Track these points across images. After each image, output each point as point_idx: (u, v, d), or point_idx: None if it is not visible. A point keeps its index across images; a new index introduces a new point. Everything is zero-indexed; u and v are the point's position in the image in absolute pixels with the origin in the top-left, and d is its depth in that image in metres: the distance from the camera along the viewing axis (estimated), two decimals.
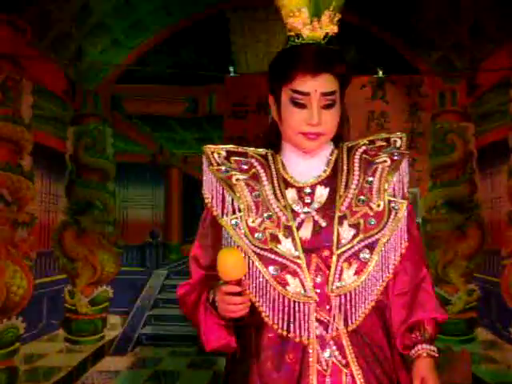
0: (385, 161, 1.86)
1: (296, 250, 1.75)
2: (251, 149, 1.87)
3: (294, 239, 1.76)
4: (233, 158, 1.84)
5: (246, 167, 1.83)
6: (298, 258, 1.74)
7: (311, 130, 1.77)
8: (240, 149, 1.87)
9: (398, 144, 1.90)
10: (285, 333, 1.71)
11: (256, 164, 1.84)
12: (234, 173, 1.81)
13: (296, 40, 1.84)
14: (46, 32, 4.21)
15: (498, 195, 4.15)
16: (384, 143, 1.90)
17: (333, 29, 1.83)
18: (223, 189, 1.82)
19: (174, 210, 4.33)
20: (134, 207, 4.32)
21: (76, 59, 4.28)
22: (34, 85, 4.15)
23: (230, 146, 1.86)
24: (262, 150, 1.87)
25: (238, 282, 1.67)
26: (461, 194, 4.20)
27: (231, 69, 4.20)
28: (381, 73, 4.15)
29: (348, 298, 1.76)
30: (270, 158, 1.86)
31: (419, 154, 4.14)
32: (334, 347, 1.74)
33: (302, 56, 1.76)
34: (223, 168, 1.82)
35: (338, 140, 1.90)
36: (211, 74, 4.29)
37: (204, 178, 1.85)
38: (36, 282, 4.14)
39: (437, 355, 1.77)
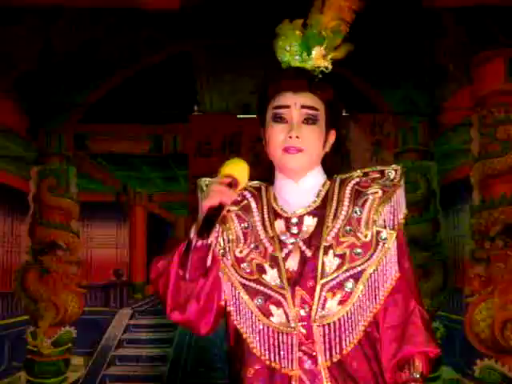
0: (376, 192, 1.85)
1: (281, 280, 1.76)
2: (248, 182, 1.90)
3: (279, 270, 1.77)
4: None
5: (238, 199, 1.86)
6: (283, 288, 1.75)
7: (291, 144, 1.79)
8: None
9: (391, 176, 1.88)
10: (273, 364, 1.72)
11: (248, 196, 1.87)
12: None
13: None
14: (8, 71, 4.19)
15: (460, 233, 4.19)
16: (378, 175, 1.89)
17: (324, 64, 1.86)
18: None
19: (139, 249, 4.31)
20: (98, 247, 4.29)
21: (39, 99, 4.26)
22: None
23: None
24: (256, 183, 1.90)
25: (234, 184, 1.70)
26: (424, 233, 4.22)
27: (195, 107, 4.20)
28: (344, 111, 4.16)
29: (332, 328, 1.75)
30: (263, 189, 1.89)
31: None
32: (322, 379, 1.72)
33: (283, 74, 1.81)
34: None
35: (332, 172, 1.91)
36: (175, 112, 4.30)
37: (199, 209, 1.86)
38: None
39: None
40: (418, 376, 1.78)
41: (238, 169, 1.75)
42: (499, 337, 4.06)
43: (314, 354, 1.73)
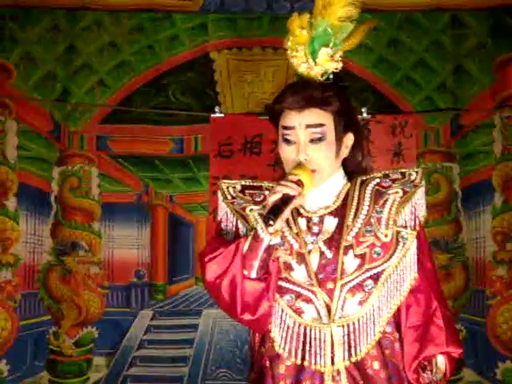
0: (397, 192, 1.87)
1: (309, 276, 1.74)
2: (266, 182, 1.92)
3: (307, 265, 1.79)
4: (247, 191, 1.90)
5: (259, 199, 1.90)
6: (312, 285, 1.77)
7: None
8: (255, 183, 1.93)
9: (412, 177, 1.91)
10: (299, 361, 1.74)
11: None
12: (247, 204, 1.85)
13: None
14: (31, 73, 4.22)
15: (482, 235, 4.17)
16: (399, 176, 1.91)
17: (333, 66, 1.86)
18: (237, 219, 1.86)
19: (160, 249, 4.31)
20: (119, 247, 4.29)
21: (61, 100, 4.28)
22: (19, 126, 4.16)
23: (246, 181, 1.92)
24: (275, 183, 1.92)
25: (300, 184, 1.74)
26: (446, 234, 4.21)
27: (216, 109, 4.21)
28: (365, 113, 4.16)
29: (351, 328, 1.76)
30: None
31: None
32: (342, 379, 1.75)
33: (286, 93, 1.81)
34: (237, 200, 1.86)
35: (353, 174, 1.92)
36: (197, 113, 4.31)
37: (219, 211, 1.89)
38: (20, 324, 4.12)
39: None
40: (439, 376, 1.78)
41: (305, 173, 1.77)
42: None
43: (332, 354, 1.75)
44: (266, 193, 1.90)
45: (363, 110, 4.15)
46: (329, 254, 1.81)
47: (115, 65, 4.33)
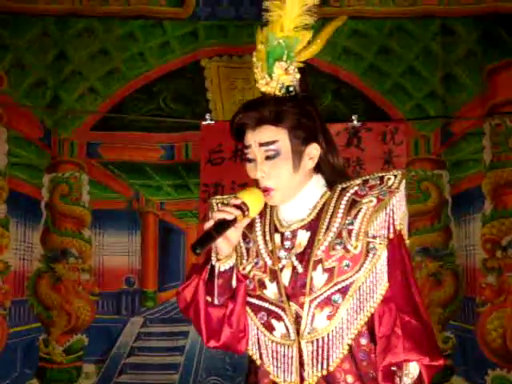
0: (371, 200, 1.82)
1: (280, 294, 1.76)
2: None
3: (278, 283, 1.79)
4: None
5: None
6: (282, 302, 1.77)
7: (262, 185, 1.80)
8: None
9: (390, 182, 1.83)
10: (274, 377, 1.76)
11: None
12: None
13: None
14: (22, 80, 4.22)
15: (472, 243, 4.18)
16: (378, 182, 1.84)
17: (288, 79, 1.83)
18: None
19: (150, 256, 4.31)
20: (109, 254, 4.29)
21: (52, 107, 4.28)
22: (9, 132, 4.16)
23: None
24: None
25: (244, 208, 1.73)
26: (436, 242, 4.22)
27: (207, 116, 4.21)
28: (355, 120, 4.17)
29: (320, 343, 1.75)
30: (269, 207, 1.90)
31: None
32: None
33: (239, 112, 1.80)
34: None
35: (334, 178, 1.89)
36: (187, 121, 4.31)
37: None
38: (10, 331, 4.11)
39: None
40: (409, 382, 1.77)
41: (252, 197, 1.76)
42: (511, 346, 4.05)
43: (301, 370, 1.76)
44: None
45: (353, 117, 4.16)
46: (300, 269, 1.80)
47: (106, 72, 4.34)
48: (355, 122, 4.17)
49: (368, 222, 1.78)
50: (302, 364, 1.76)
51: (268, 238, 1.85)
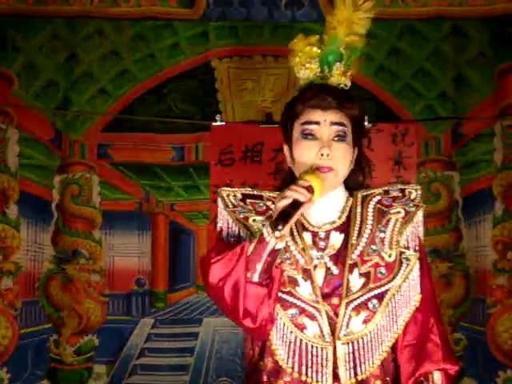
0: (399, 212, 1.90)
1: (315, 294, 1.75)
2: (266, 192, 1.91)
3: (312, 282, 1.79)
4: (248, 201, 1.89)
5: (261, 209, 1.89)
6: (317, 302, 1.78)
7: (323, 164, 1.80)
8: (256, 192, 1.92)
9: (412, 196, 1.94)
10: (303, 377, 1.75)
11: (272, 206, 1.88)
12: (250, 214, 1.84)
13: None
14: (33, 81, 4.23)
15: (483, 244, 4.17)
16: (399, 194, 1.94)
17: (345, 81, 1.88)
18: (239, 229, 1.85)
19: (161, 257, 4.31)
20: (120, 255, 4.30)
21: (62, 108, 4.29)
22: (20, 134, 4.16)
23: (246, 189, 1.91)
24: (276, 193, 1.91)
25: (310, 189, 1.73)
26: (446, 243, 4.21)
27: (217, 117, 4.21)
28: (366, 122, 4.16)
29: (356, 346, 1.76)
30: None
31: None
32: None
33: (311, 91, 1.83)
34: (239, 209, 1.85)
35: (353, 188, 1.92)
36: (198, 122, 4.32)
37: (219, 219, 1.88)
38: (21, 332, 4.12)
39: None
40: None
41: (316, 179, 1.76)
42: None
43: (337, 371, 1.75)
44: (268, 203, 1.90)
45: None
46: (335, 271, 1.82)
47: (116, 73, 4.34)
48: (366, 123, 4.14)
49: (399, 233, 1.83)
50: (335, 366, 1.76)
51: (296, 235, 1.85)
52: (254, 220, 1.86)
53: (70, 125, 4.31)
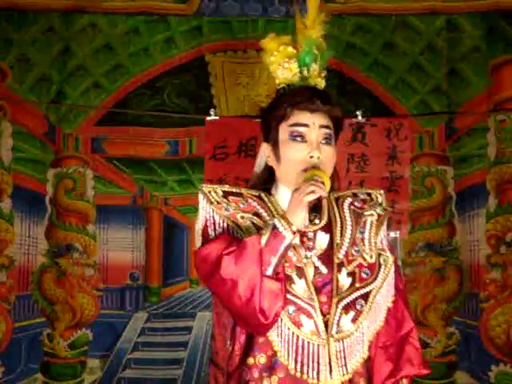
0: (372, 214, 1.92)
1: (309, 291, 1.75)
2: (244, 189, 1.90)
3: (306, 280, 1.77)
4: (230, 198, 1.87)
5: (244, 206, 1.85)
6: (312, 299, 1.77)
7: (313, 165, 1.80)
8: (234, 189, 1.90)
9: (379, 200, 1.96)
10: (298, 373, 1.73)
11: (255, 204, 1.86)
12: (236, 211, 1.82)
13: (287, 89, 1.88)
14: (26, 75, 4.22)
15: (476, 238, 4.19)
16: (367, 197, 1.96)
17: (320, 82, 1.89)
18: (227, 225, 1.82)
19: (155, 252, 4.31)
20: (114, 250, 4.30)
21: (56, 102, 4.29)
22: (14, 127, 4.16)
23: (225, 186, 1.89)
24: (254, 191, 1.90)
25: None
26: (440, 237, 4.23)
27: (212, 111, 4.21)
28: (360, 116, 4.17)
29: (345, 344, 1.76)
30: (265, 198, 1.89)
31: (399, 197, 4.15)
32: None
33: (300, 93, 1.81)
34: (224, 206, 1.84)
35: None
36: (192, 116, 4.32)
37: (204, 215, 1.85)
38: (14, 326, 4.12)
39: None
40: None
41: (324, 175, 1.77)
42: None
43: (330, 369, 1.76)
44: (250, 201, 1.87)
45: (358, 112, 4.17)
46: (324, 270, 1.82)
47: (110, 67, 4.34)
48: (360, 118, 4.17)
49: (375, 234, 1.86)
50: (329, 364, 1.77)
51: None
52: (242, 217, 1.85)
53: (64, 118, 4.31)
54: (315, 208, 1.72)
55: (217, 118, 4.22)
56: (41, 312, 4.22)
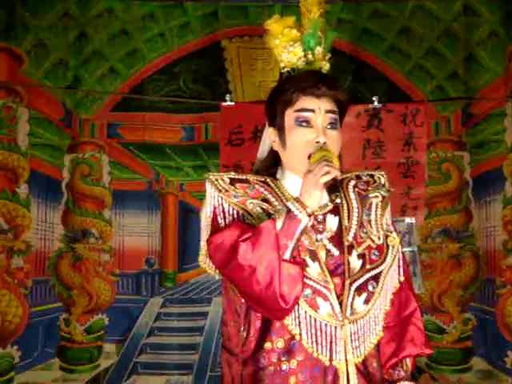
0: (377, 196, 1.92)
1: (324, 273, 1.75)
2: (250, 175, 1.90)
3: (320, 263, 1.77)
4: (238, 185, 1.87)
5: (252, 192, 1.85)
6: (327, 281, 1.77)
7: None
8: (240, 176, 1.90)
9: (382, 181, 1.97)
10: (319, 355, 1.74)
11: (262, 190, 1.86)
12: (244, 198, 1.82)
13: (292, 73, 1.87)
14: (43, 60, 4.23)
15: (492, 224, 4.17)
16: (370, 179, 1.96)
17: (325, 65, 1.88)
18: (238, 212, 1.81)
19: (170, 237, 4.32)
20: (130, 235, 4.31)
21: (72, 87, 4.29)
22: (31, 113, 4.16)
23: (231, 174, 1.89)
24: (260, 177, 1.89)
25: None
26: (456, 223, 4.22)
27: (227, 97, 4.20)
28: (376, 102, 4.16)
29: (359, 326, 1.77)
30: (272, 184, 1.89)
31: (415, 182, 4.14)
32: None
33: (306, 79, 1.81)
34: (232, 193, 1.84)
35: None
36: (207, 102, 4.31)
37: (212, 203, 1.85)
38: (31, 310, 4.13)
39: None
40: (409, 374, 1.85)
41: (333, 156, 1.78)
42: None
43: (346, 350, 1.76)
44: (257, 186, 1.86)
45: (374, 98, 4.15)
46: (335, 252, 1.82)
47: (126, 52, 4.35)
48: (376, 104, 4.16)
49: (381, 216, 1.86)
50: (345, 345, 1.77)
51: None
52: (251, 203, 1.84)
53: (80, 104, 4.31)
54: (332, 188, 1.73)
55: (232, 103, 4.22)
56: (57, 297, 4.24)
